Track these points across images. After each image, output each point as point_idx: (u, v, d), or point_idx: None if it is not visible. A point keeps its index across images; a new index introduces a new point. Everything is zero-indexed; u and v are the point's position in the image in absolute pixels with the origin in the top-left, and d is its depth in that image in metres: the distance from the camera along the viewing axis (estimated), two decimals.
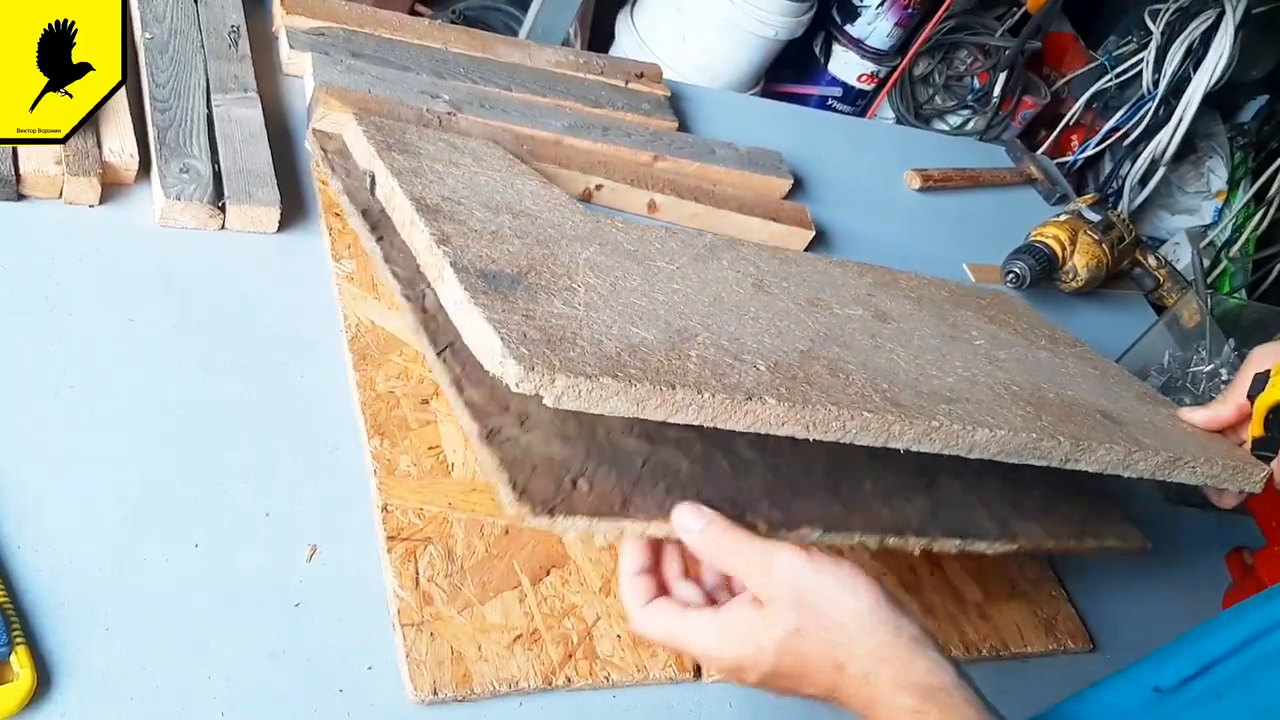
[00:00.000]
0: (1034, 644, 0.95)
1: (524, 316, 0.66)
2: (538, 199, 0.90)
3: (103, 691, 0.62)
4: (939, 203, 1.47)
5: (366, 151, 0.90)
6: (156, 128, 0.89)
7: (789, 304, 0.85)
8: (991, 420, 0.75)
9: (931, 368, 0.82)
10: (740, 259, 0.93)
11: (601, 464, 0.69)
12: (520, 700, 0.72)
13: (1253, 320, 1.38)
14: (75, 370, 0.75)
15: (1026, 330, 1.04)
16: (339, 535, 0.75)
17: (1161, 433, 0.87)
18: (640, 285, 0.78)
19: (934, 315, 0.97)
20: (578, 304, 0.71)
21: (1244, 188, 2.46)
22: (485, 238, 0.76)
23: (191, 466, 0.74)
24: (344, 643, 0.70)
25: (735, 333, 0.75)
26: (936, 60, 2.29)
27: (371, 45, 1.09)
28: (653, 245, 0.88)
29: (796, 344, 0.77)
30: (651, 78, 1.28)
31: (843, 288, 0.94)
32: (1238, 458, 0.87)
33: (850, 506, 0.76)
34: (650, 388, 0.63)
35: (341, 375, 0.83)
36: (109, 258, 0.83)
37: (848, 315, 0.87)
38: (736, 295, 0.83)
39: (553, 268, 0.75)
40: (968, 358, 0.87)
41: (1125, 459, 0.80)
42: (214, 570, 0.70)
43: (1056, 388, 0.88)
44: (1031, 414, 0.79)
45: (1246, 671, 0.65)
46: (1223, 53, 2.14)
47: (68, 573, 0.66)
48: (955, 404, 0.76)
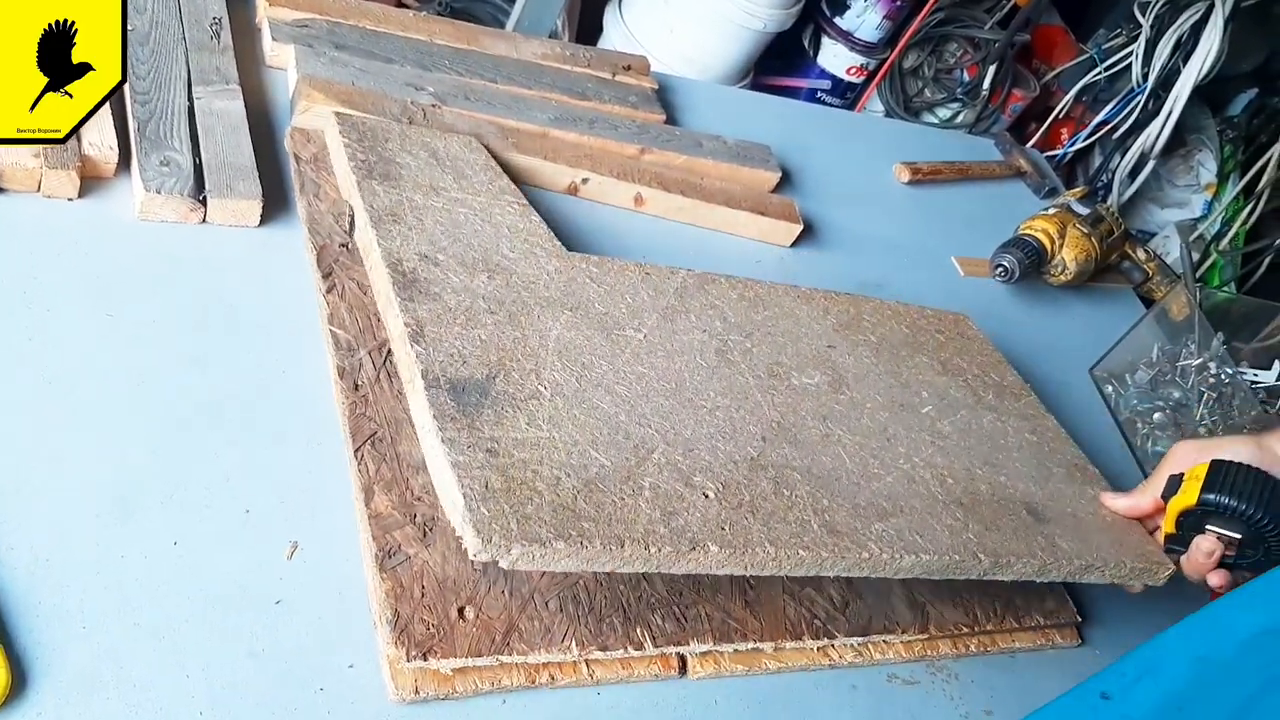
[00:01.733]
0: (1022, 640, 0.94)
1: (487, 453, 0.69)
2: (515, 237, 0.90)
3: (80, 691, 0.61)
4: (928, 196, 1.47)
5: (346, 176, 0.90)
6: (137, 120, 0.88)
7: (749, 379, 0.88)
8: (920, 541, 0.80)
9: (875, 461, 0.87)
10: (709, 308, 0.94)
11: (496, 581, 0.73)
12: (504, 698, 0.72)
13: (1241, 314, 1.38)
14: (53, 366, 0.74)
15: (978, 379, 1.05)
16: (320, 532, 0.74)
17: (1081, 527, 0.91)
18: (606, 372, 0.81)
19: (889, 370, 0.99)
20: (542, 421, 0.74)
21: (1233, 181, 2.45)
22: (459, 320, 0.78)
23: (171, 463, 0.73)
24: (325, 641, 0.69)
25: (691, 439, 0.79)
26: (926, 53, 2.28)
27: (356, 37, 1.08)
28: (624, 301, 0.89)
29: (749, 446, 0.81)
30: (639, 70, 1.27)
31: (804, 340, 0.97)
32: (1147, 556, 0.91)
33: (754, 605, 0.82)
34: (600, 548, 0.67)
35: (323, 371, 0.82)
36: (88, 252, 0.82)
37: (805, 387, 0.91)
38: (698, 375, 0.86)
39: (522, 361, 0.78)
40: (912, 438, 0.92)
41: (1040, 570, 0.86)
42: (193, 568, 0.69)
43: (991, 472, 0.92)
44: (959, 524, 0.84)
45: (1203, 688, 0.64)
46: (1212, 46, 2.14)
47: (44, 571, 0.65)
48: (889, 520, 0.81)
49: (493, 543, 0.64)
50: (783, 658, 0.82)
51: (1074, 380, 1.31)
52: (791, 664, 0.82)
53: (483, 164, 0.99)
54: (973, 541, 0.83)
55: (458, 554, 0.72)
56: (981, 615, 0.92)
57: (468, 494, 0.66)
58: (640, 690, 0.76)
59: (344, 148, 0.92)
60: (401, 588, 0.69)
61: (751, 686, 0.81)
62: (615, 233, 1.10)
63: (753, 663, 0.81)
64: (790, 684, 0.82)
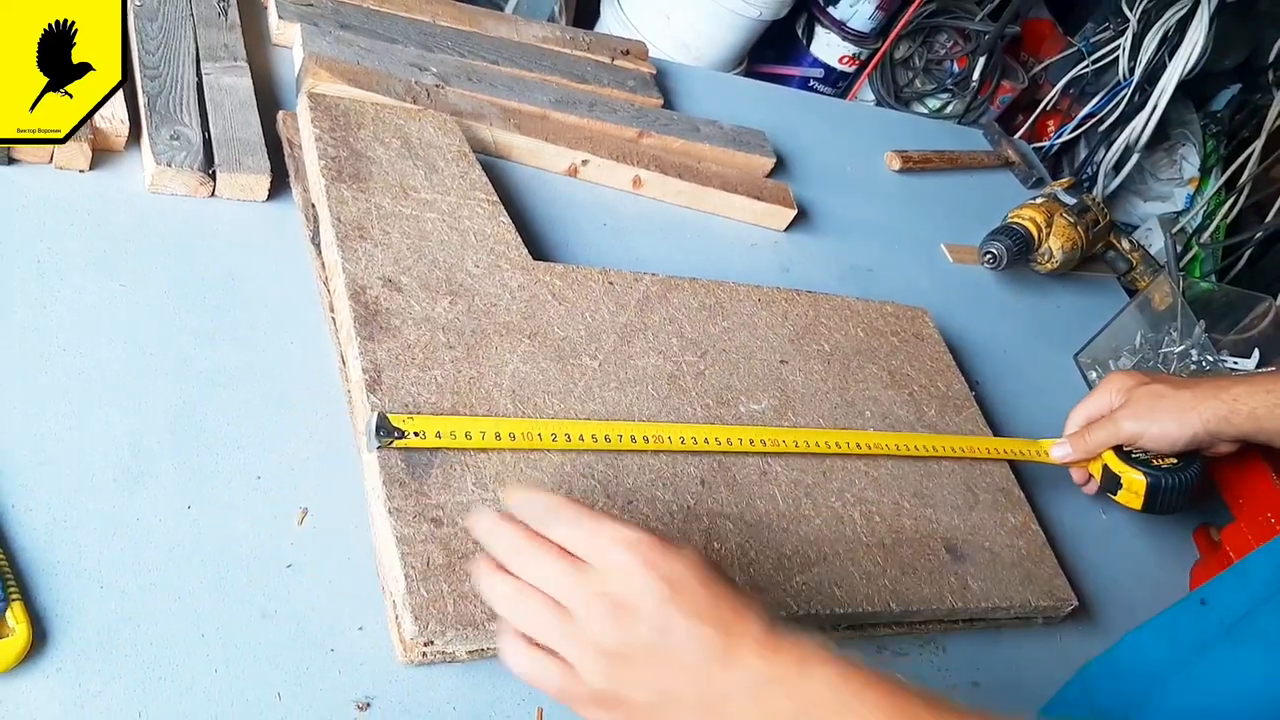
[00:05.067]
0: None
1: (432, 523, 0.72)
2: (481, 247, 0.92)
3: (98, 647, 0.63)
4: (918, 184, 1.49)
5: (315, 177, 0.91)
6: (147, 94, 0.89)
7: (697, 410, 0.91)
8: (836, 594, 0.85)
9: (807, 501, 0.90)
10: (668, 322, 0.97)
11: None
12: None
13: (1223, 303, 1.41)
14: (67, 334, 0.76)
15: (924, 389, 1.08)
16: (329, 499, 0.76)
17: (995, 564, 0.96)
18: (558, 414, 0.84)
19: (838, 386, 1.02)
20: (488, 479, 0.76)
21: (1215, 175, 2.49)
22: (418, 360, 0.80)
23: (183, 430, 0.75)
24: (335, 604, 0.71)
25: (632, 488, 0.82)
26: (917, 44, 2.30)
27: (360, 17, 1.09)
28: (583, 321, 0.92)
29: (688, 494, 0.84)
30: (637, 55, 1.29)
31: (757, 357, 0.99)
32: (1054, 591, 0.98)
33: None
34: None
35: (330, 342, 0.84)
36: (100, 224, 0.83)
37: (751, 414, 0.94)
38: (649, 408, 0.89)
39: (475, 407, 0.80)
40: (848, 468, 0.95)
41: (949, 613, 0.91)
42: (207, 532, 0.71)
43: (917, 505, 0.96)
44: (878, 568, 0.89)
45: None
46: (1197, 41, 2.17)
47: (63, 532, 0.67)
48: (811, 570, 0.85)
49: (429, 628, 0.67)
50: None
51: (1059, 365, 1.33)
52: None
53: (456, 151, 0.99)
54: (887, 589, 0.88)
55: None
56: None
57: (409, 574, 0.69)
58: None
59: (315, 140, 0.92)
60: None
61: None
62: (613, 214, 1.12)
63: None
64: None
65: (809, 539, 0.87)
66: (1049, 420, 1.12)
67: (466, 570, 0.70)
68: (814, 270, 1.23)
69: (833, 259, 1.26)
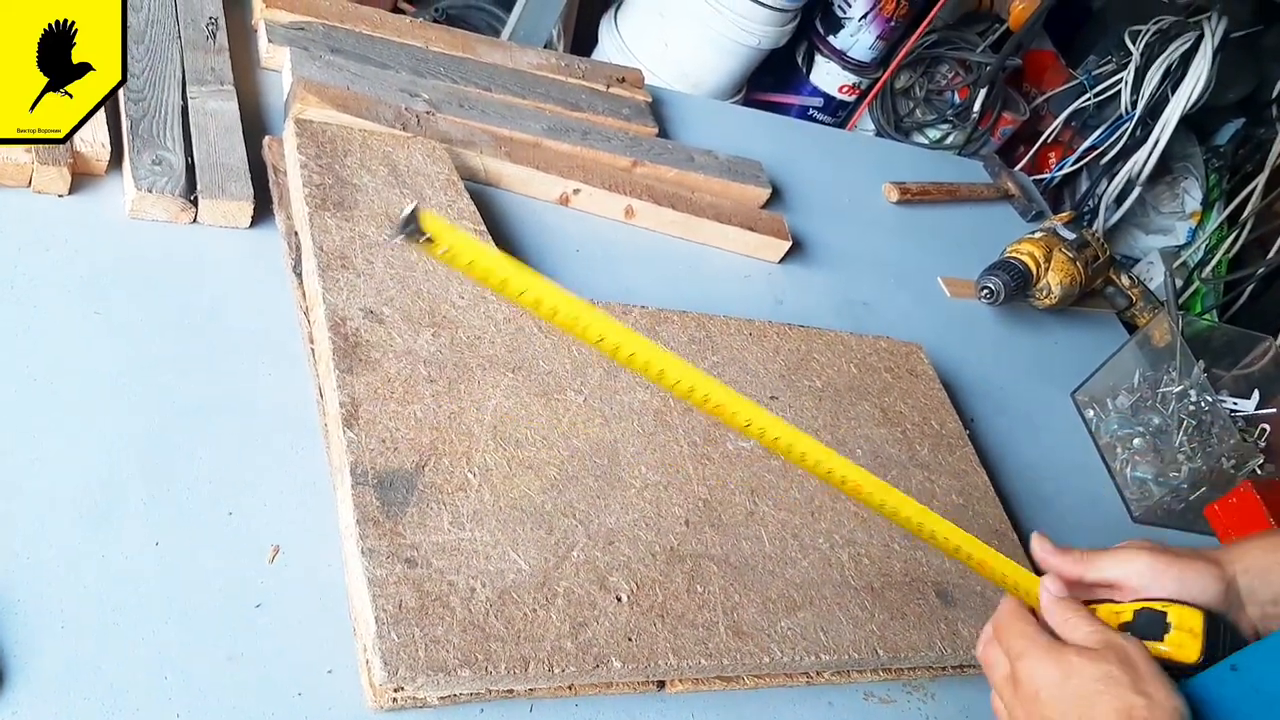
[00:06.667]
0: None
1: (406, 564, 0.70)
2: (466, 280, 0.89)
3: (56, 690, 0.61)
4: (916, 216, 1.48)
5: (300, 204, 0.89)
6: (130, 118, 0.88)
7: (684, 447, 0.89)
8: (822, 639, 0.83)
9: (794, 543, 0.88)
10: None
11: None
12: (481, 707, 0.72)
13: (1222, 342, 1.39)
14: (39, 362, 0.74)
15: (916, 428, 1.06)
16: (302, 536, 0.74)
17: (987, 608, 0.92)
18: (539, 450, 0.82)
19: (829, 424, 1.00)
20: (465, 518, 0.75)
21: (1218, 210, 2.48)
22: (397, 394, 0.79)
23: (154, 463, 0.73)
24: (304, 645, 0.69)
25: (614, 528, 0.80)
26: (918, 74, 2.29)
27: (351, 41, 1.08)
28: (569, 354, 0.89)
29: (671, 534, 0.83)
30: (633, 83, 1.28)
31: (747, 392, 0.94)
32: None
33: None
34: (504, 671, 0.68)
35: (309, 373, 0.82)
36: (77, 250, 0.82)
37: (739, 453, 0.92)
38: (633, 444, 0.87)
39: (454, 443, 0.78)
40: (837, 509, 0.92)
41: (938, 659, 0.88)
42: (174, 569, 0.69)
43: (908, 548, 0.94)
44: (866, 613, 0.86)
45: None
46: (1200, 75, 2.16)
47: (24, 569, 0.65)
48: (797, 614, 0.83)
49: (399, 674, 0.65)
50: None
51: (1056, 403, 1.32)
52: (769, 681, 0.83)
53: (444, 179, 0.98)
54: (874, 635, 0.85)
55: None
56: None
57: (380, 617, 0.67)
58: (618, 703, 0.77)
59: (300, 167, 0.90)
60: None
61: (728, 702, 0.81)
62: (605, 244, 1.11)
63: (730, 680, 0.81)
64: (767, 700, 0.83)
65: (795, 582, 0.85)
66: (1045, 464, 1.10)
67: (439, 613, 0.68)
68: (808, 303, 1.21)
69: (828, 292, 1.24)
